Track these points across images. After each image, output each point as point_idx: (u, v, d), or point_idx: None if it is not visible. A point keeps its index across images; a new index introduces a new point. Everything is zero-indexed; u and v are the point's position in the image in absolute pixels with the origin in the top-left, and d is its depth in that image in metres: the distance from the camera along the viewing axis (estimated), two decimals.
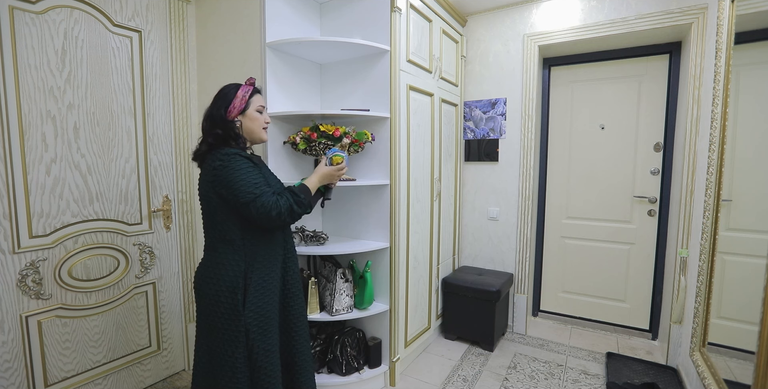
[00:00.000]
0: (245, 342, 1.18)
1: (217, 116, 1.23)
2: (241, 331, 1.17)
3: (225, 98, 1.25)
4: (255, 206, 1.12)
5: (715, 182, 1.56)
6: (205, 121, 1.26)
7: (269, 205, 1.13)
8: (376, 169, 1.94)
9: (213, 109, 1.25)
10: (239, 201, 1.13)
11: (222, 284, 1.18)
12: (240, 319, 1.17)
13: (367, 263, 1.90)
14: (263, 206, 1.12)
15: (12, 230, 1.44)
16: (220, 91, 1.28)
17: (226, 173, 1.14)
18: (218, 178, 1.15)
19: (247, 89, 1.27)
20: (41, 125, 1.50)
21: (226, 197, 1.16)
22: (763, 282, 1.06)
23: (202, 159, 1.24)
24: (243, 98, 1.25)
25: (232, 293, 1.18)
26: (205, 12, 2.01)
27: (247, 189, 1.13)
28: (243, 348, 1.18)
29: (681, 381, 1.92)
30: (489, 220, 2.70)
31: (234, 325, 1.17)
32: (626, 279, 2.55)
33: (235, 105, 1.24)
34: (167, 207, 1.94)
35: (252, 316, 1.19)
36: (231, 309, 1.17)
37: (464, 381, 2.04)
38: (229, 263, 1.19)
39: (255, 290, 1.20)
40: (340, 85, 2.03)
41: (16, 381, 1.48)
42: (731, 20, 1.51)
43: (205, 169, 1.21)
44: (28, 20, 1.44)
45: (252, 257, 1.22)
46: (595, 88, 2.57)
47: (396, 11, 1.82)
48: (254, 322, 1.19)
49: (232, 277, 1.18)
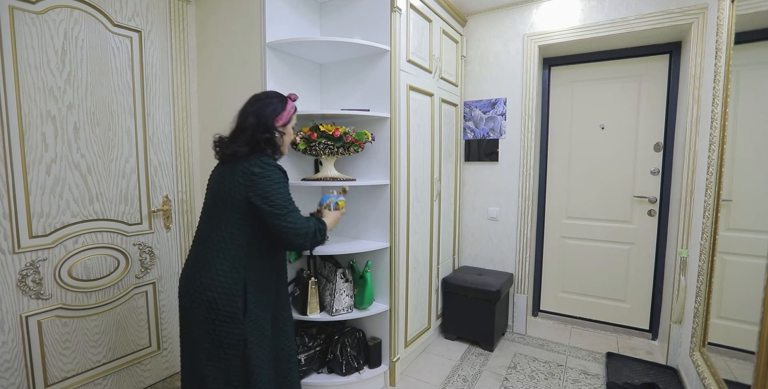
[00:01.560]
0: (243, 352, 1.17)
1: (266, 120, 1.23)
2: (240, 340, 1.16)
3: (276, 106, 1.26)
4: (287, 219, 1.14)
5: (715, 182, 1.56)
6: (250, 120, 1.22)
7: (300, 222, 1.17)
8: (376, 169, 1.94)
9: (263, 112, 1.24)
10: (273, 212, 1.14)
11: (221, 291, 1.16)
12: (239, 328, 1.16)
13: (367, 263, 1.90)
14: (295, 221, 1.15)
15: (12, 230, 1.44)
16: (267, 96, 1.28)
17: (266, 182, 1.15)
18: (256, 185, 1.15)
19: (293, 105, 1.32)
20: (41, 125, 1.50)
21: (257, 204, 1.15)
22: (763, 282, 1.06)
23: (236, 158, 1.21)
24: (290, 112, 1.30)
25: (231, 300, 1.16)
26: (205, 12, 2.01)
27: (283, 203, 1.15)
28: (240, 358, 1.17)
29: (681, 381, 1.92)
30: (489, 220, 2.70)
31: (233, 334, 1.16)
32: (626, 279, 2.55)
33: (283, 117, 1.27)
34: (167, 207, 1.94)
35: (251, 324, 1.18)
36: (230, 316, 1.16)
37: (464, 381, 2.04)
38: (229, 270, 1.17)
39: (253, 299, 1.19)
40: (340, 85, 2.03)
41: (16, 381, 1.48)
42: (731, 20, 1.51)
43: (240, 170, 1.17)
44: (28, 20, 1.44)
45: (251, 268, 1.20)
46: (595, 88, 2.57)
47: (396, 11, 1.82)
48: (252, 334, 1.18)
49: (231, 284, 1.17)
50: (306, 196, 2.02)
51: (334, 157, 1.83)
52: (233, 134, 1.25)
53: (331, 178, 1.79)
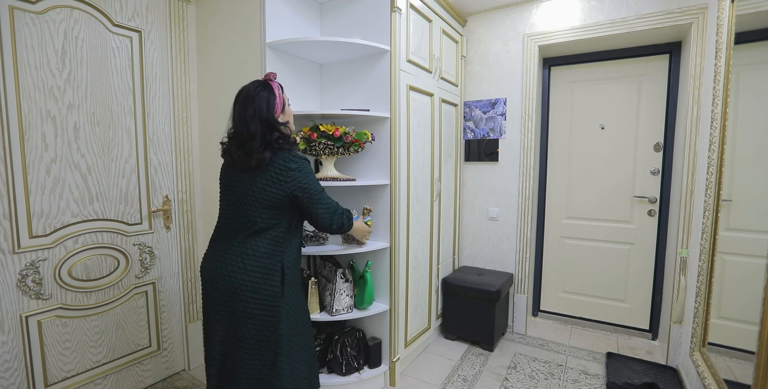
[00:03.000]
0: (277, 326, 1.24)
1: (268, 119, 1.23)
2: (276, 315, 1.24)
3: (267, 98, 1.24)
4: (321, 202, 1.29)
5: (715, 182, 1.56)
6: (254, 125, 1.21)
7: (331, 202, 1.33)
8: (376, 169, 1.94)
9: (261, 111, 1.22)
10: (312, 198, 1.27)
11: (263, 272, 1.23)
12: (278, 305, 1.25)
13: (367, 264, 1.90)
14: (328, 203, 1.31)
15: (12, 230, 1.44)
16: (254, 91, 1.24)
17: (302, 175, 1.24)
18: (296, 180, 1.23)
19: (278, 86, 1.29)
20: (41, 125, 1.50)
21: (298, 195, 1.24)
22: (763, 282, 1.06)
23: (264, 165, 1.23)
24: (280, 97, 1.28)
25: (273, 280, 1.24)
26: (205, 12, 2.01)
27: (318, 188, 1.29)
28: (275, 332, 1.25)
29: (681, 381, 1.92)
30: (489, 220, 2.70)
31: (272, 310, 1.24)
32: (626, 279, 2.55)
33: (278, 105, 1.27)
34: (167, 207, 1.94)
35: (285, 302, 1.27)
36: (271, 295, 1.24)
37: (464, 381, 2.04)
38: (269, 254, 1.25)
39: (289, 280, 1.29)
40: (340, 86, 2.03)
41: (16, 381, 1.48)
42: (731, 20, 1.51)
43: (273, 170, 1.22)
44: (28, 20, 1.44)
45: (286, 252, 1.30)
46: (595, 88, 2.57)
47: (396, 11, 1.82)
48: (285, 309, 1.27)
49: (272, 265, 1.25)
50: None
51: (334, 157, 1.83)
52: (243, 141, 1.23)
53: (331, 178, 1.79)
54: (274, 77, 1.30)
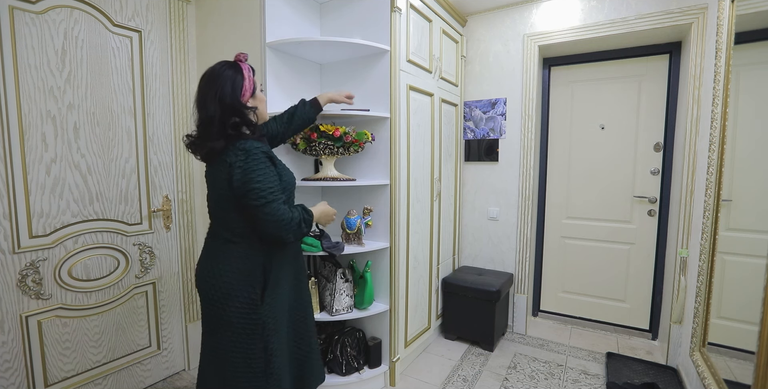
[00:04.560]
0: (261, 335, 1.15)
1: (232, 102, 1.11)
2: (258, 325, 1.14)
3: (232, 80, 1.12)
4: (264, 211, 1.08)
5: (715, 182, 1.56)
6: (212, 108, 1.10)
7: (281, 213, 1.09)
8: (376, 169, 1.94)
9: (223, 93, 1.11)
10: (251, 203, 1.08)
11: (239, 276, 1.14)
12: (258, 313, 1.14)
13: (367, 263, 1.90)
14: (274, 213, 1.08)
15: (12, 230, 1.44)
16: (219, 71, 1.13)
17: (244, 173, 1.07)
18: (233, 176, 1.08)
19: (248, 68, 1.17)
20: (41, 125, 1.50)
21: (238, 196, 1.09)
22: (763, 282, 1.06)
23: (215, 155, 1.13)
24: (250, 79, 1.15)
25: (250, 286, 1.14)
26: (205, 12, 2.01)
27: (261, 193, 1.07)
28: (260, 342, 1.15)
29: (681, 381, 1.92)
30: (489, 220, 2.70)
31: (251, 319, 1.14)
32: (626, 279, 2.55)
33: (247, 88, 1.14)
34: (167, 207, 1.94)
35: (268, 311, 1.16)
36: (248, 303, 1.14)
37: (464, 381, 2.04)
38: (246, 257, 1.15)
39: (273, 284, 1.18)
40: (340, 85, 2.03)
41: (16, 381, 1.48)
42: (731, 20, 1.51)
43: (221, 164, 1.11)
44: (28, 20, 1.44)
45: (269, 252, 1.18)
46: (595, 88, 2.57)
47: (396, 11, 1.82)
48: (270, 318, 1.17)
49: (250, 269, 1.15)
50: (306, 196, 2.02)
51: (334, 157, 1.83)
52: (200, 127, 1.13)
53: (331, 178, 1.79)
54: (244, 58, 1.18)
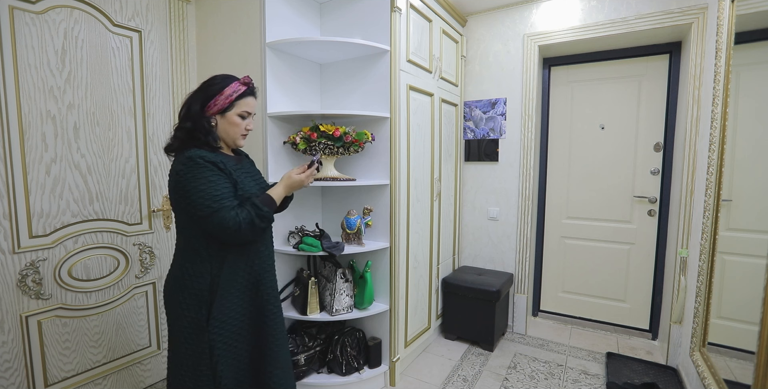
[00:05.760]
0: (209, 357, 1.09)
1: (193, 108, 1.11)
2: (205, 347, 1.09)
3: (209, 90, 1.13)
4: (211, 221, 1.03)
5: (715, 182, 1.56)
6: (182, 110, 1.14)
7: (227, 219, 1.03)
8: (376, 169, 1.94)
9: (193, 97, 1.13)
10: (196, 214, 1.04)
11: (187, 296, 1.11)
12: (203, 334, 1.09)
13: (367, 263, 1.90)
14: (221, 220, 1.03)
15: (12, 230, 1.44)
16: (209, 79, 1.16)
17: (185, 182, 1.04)
18: (177, 185, 1.06)
19: (238, 89, 1.14)
20: (41, 125, 1.50)
21: (184, 207, 1.07)
22: (763, 282, 1.06)
23: (169, 155, 1.14)
24: (228, 97, 1.12)
25: (197, 307, 1.10)
26: (205, 12, 2.01)
27: (204, 203, 1.03)
28: (207, 363, 1.10)
29: (681, 381, 1.92)
30: (489, 220, 2.70)
31: (198, 340, 1.10)
32: (626, 279, 2.55)
33: (217, 102, 1.12)
34: (167, 207, 1.94)
35: (217, 332, 1.10)
36: (194, 324, 1.10)
37: (464, 381, 2.04)
38: (194, 275, 1.11)
39: (221, 304, 1.10)
40: (340, 85, 2.03)
41: (16, 381, 1.48)
42: (731, 20, 1.51)
43: (171, 171, 1.10)
44: (28, 20, 1.44)
45: (219, 268, 1.12)
46: (595, 88, 2.57)
47: (396, 11, 1.82)
48: (219, 338, 1.10)
49: (198, 289, 1.10)
50: (306, 196, 2.02)
51: (334, 157, 1.83)
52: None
53: (331, 178, 1.79)
54: (244, 80, 1.16)
